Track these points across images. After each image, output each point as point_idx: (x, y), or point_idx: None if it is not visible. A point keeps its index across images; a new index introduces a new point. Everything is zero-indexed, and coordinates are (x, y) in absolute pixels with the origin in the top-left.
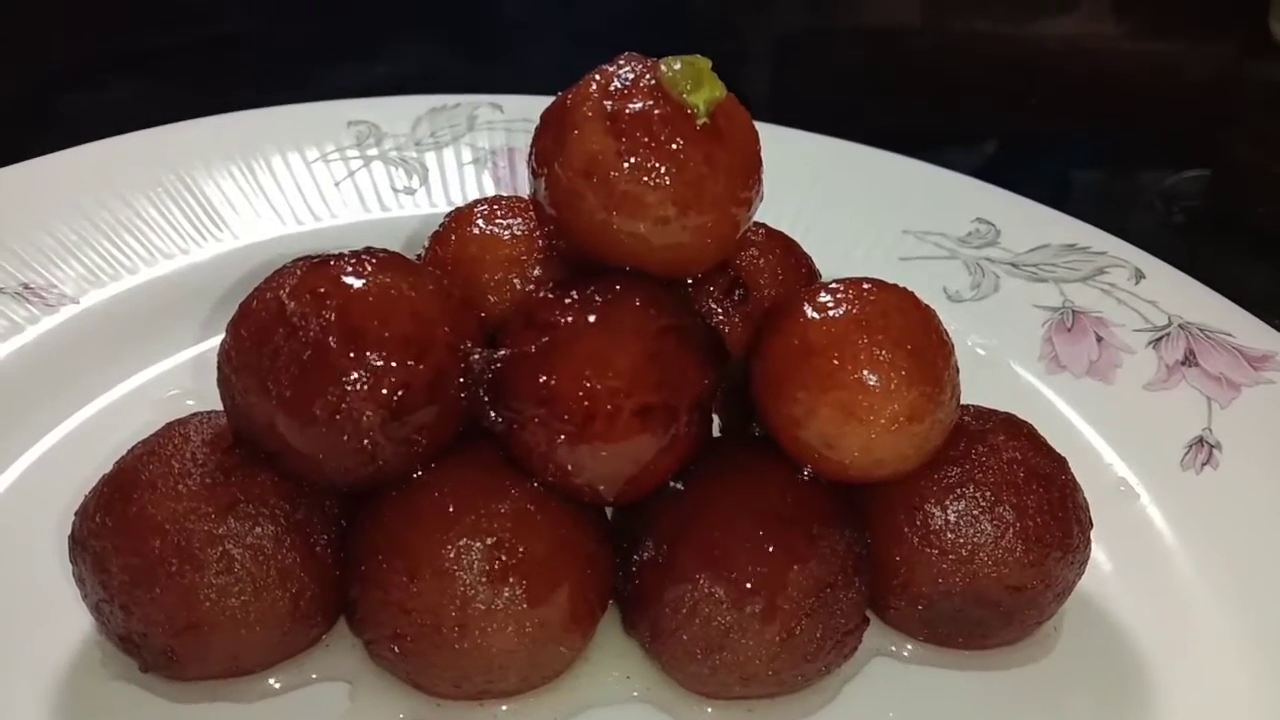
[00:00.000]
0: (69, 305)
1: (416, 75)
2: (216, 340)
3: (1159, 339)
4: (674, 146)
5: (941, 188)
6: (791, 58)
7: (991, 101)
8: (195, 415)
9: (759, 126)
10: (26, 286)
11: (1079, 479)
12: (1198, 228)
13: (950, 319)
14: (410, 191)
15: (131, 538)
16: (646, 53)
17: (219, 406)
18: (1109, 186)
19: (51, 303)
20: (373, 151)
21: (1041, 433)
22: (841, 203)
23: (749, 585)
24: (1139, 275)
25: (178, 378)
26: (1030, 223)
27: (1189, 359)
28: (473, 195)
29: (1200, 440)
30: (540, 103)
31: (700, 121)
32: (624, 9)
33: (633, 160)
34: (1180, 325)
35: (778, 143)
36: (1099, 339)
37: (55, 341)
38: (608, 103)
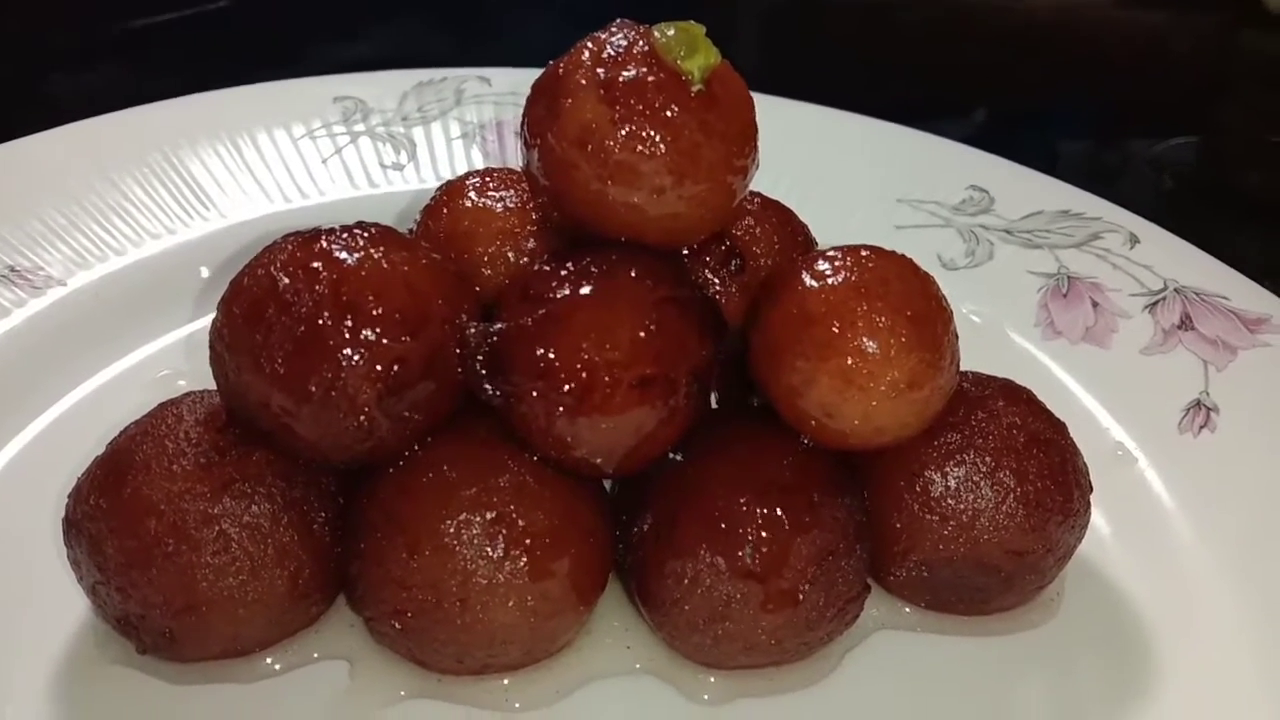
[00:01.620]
0: (56, 288)
1: (403, 53)
2: (207, 320)
3: (1155, 303)
4: (669, 114)
5: (935, 155)
6: (782, 30)
7: (982, 72)
8: (188, 395)
9: (755, 98)
10: (13, 270)
11: (1079, 446)
12: (1187, 195)
13: (945, 287)
14: (399, 167)
15: (127, 519)
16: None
17: (211, 386)
18: (1099, 156)
19: (39, 285)
20: (360, 127)
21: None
22: (836, 172)
23: (750, 555)
24: (1134, 240)
25: (169, 358)
26: (1024, 189)
27: (1185, 323)
28: (461, 169)
29: (1197, 404)
30: (529, 76)
31: (695, 88)
32: None
33: (627, 129)
34: (1176, 289)
35: (772, 112)
36: (1094, 304)
37: (44, 325)
38: (601, 70)
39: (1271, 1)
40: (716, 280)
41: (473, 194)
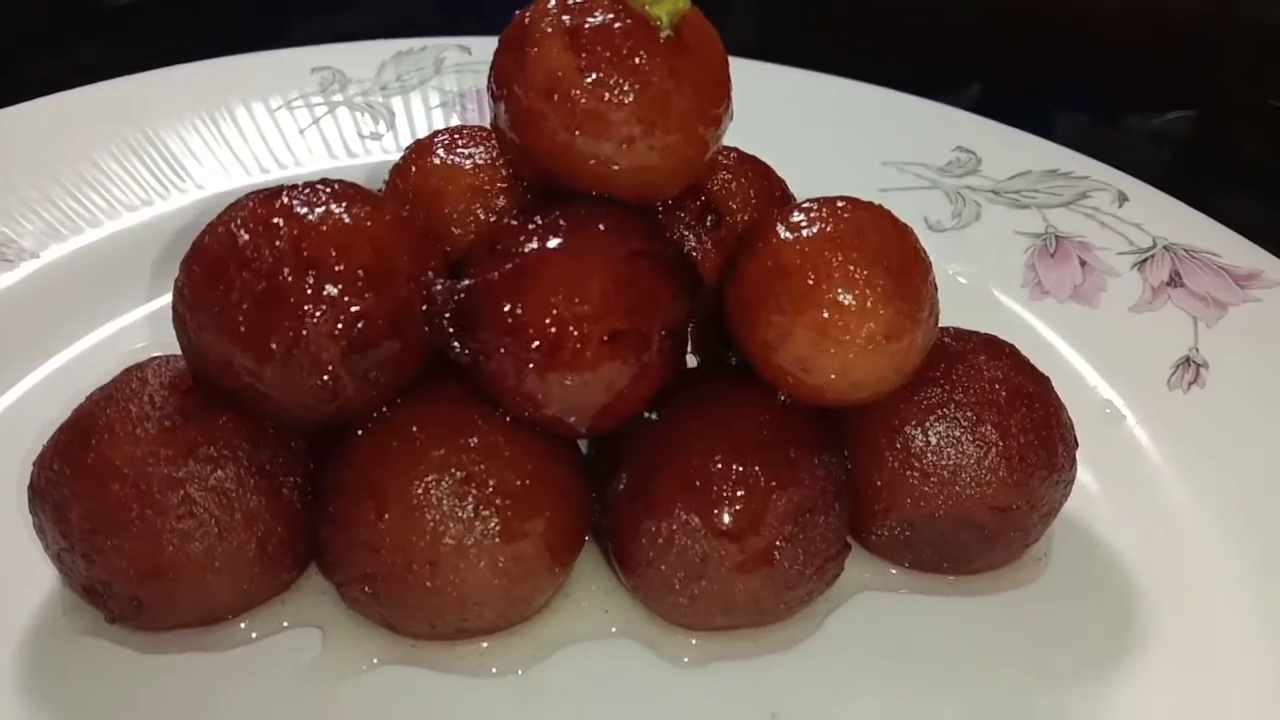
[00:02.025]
0: (29, 260)
1: (390, 23)
2: None
3: (1143, 261)
4: (637, 60)
5: (921, 117)
6: (775, 7)
7: (976, 46)
8: (153, 359)
9: (737, 63)
10: None
11: (1065, 404)
12: (1184, 165)
13: (932, 249)
14: (377, 137)
15: (90, 484)
16: None
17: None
18: (1095, 128)
19: (10, 258)
20: (337, 98)
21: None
22: (821, 135)
23: (725, 512)
24: (1122, 198)
25: (143, 330)
26: (1011, 149)
27: (1174, 279)
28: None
29: (1187, 360)
30: None
31: (664, 34)
32: None
33: (594, 76)
34: (1165, 246)
35: (755, 77)
36: (1082, 263)
37: (17, 297)
38: (566, 17)
39: None
40: (693, 236)
41: (441, 151)
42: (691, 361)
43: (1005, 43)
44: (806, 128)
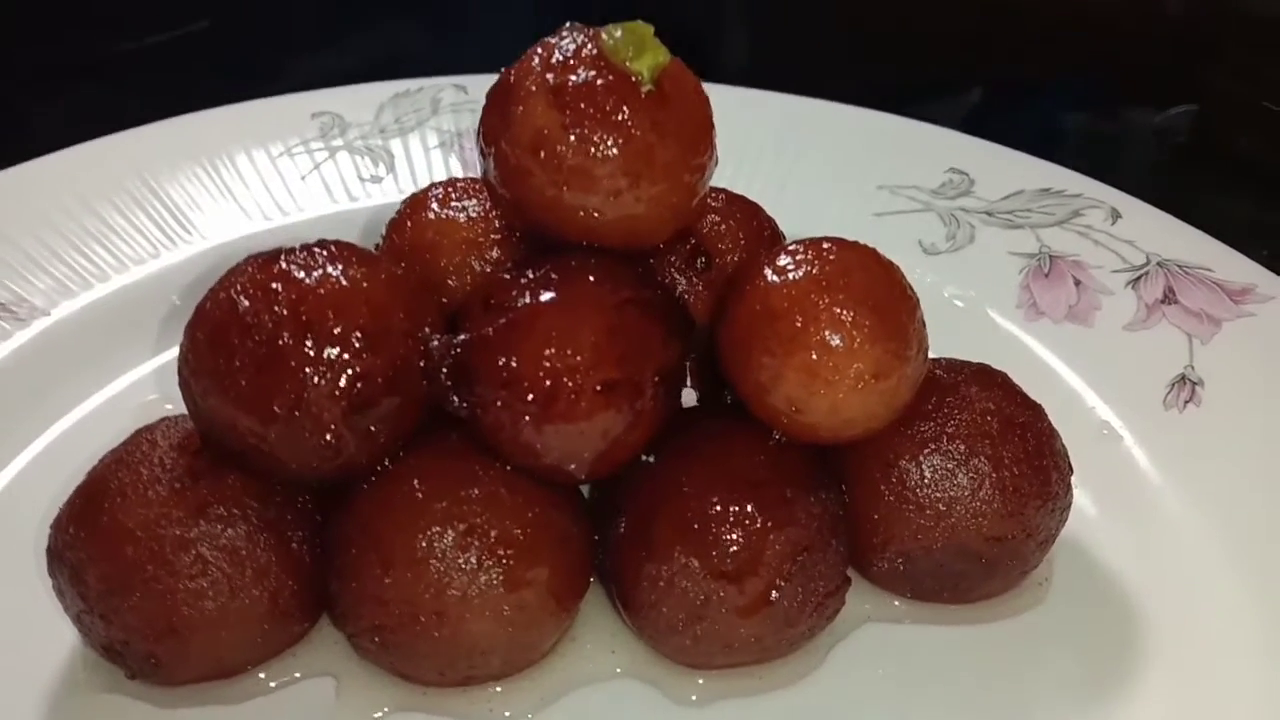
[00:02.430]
0: (41, 318)
1: (384, 58)
2: None
3: (1138, 278)
4: (620, 116)
5: (914, 140)
6: (769, 15)
7: (975, 49)
8: (162, 420)
9: (725, 90)
10: None
11: (1061, 425)
12: (1186, 162)
13: (926, 272)
14: (378, 180)
15: (105, 547)
16: (619, 17)
17: None
18: (1096, 127)
19: (23, 317)
20: (338, 142)
21: (1022, 380)
22: (814, 161)
23: (723, 554)
24: (1115, 215)
25: (155, 383)
26: (1004, 169)
27: (1169, 296)
28: (440, 179)
29: (1182, 378)
30: None
31: (645, 89)
32: None
33: (579, 132)
34: (1159, 263)
35: (746, 105)
36: (1077, 283)
37: (30, 355)
38: (550, 75)
39: None
40: (684, 279)
41: (435, 205)
42: (690, 396)
43: (1005, 42)
44: (800, 153)
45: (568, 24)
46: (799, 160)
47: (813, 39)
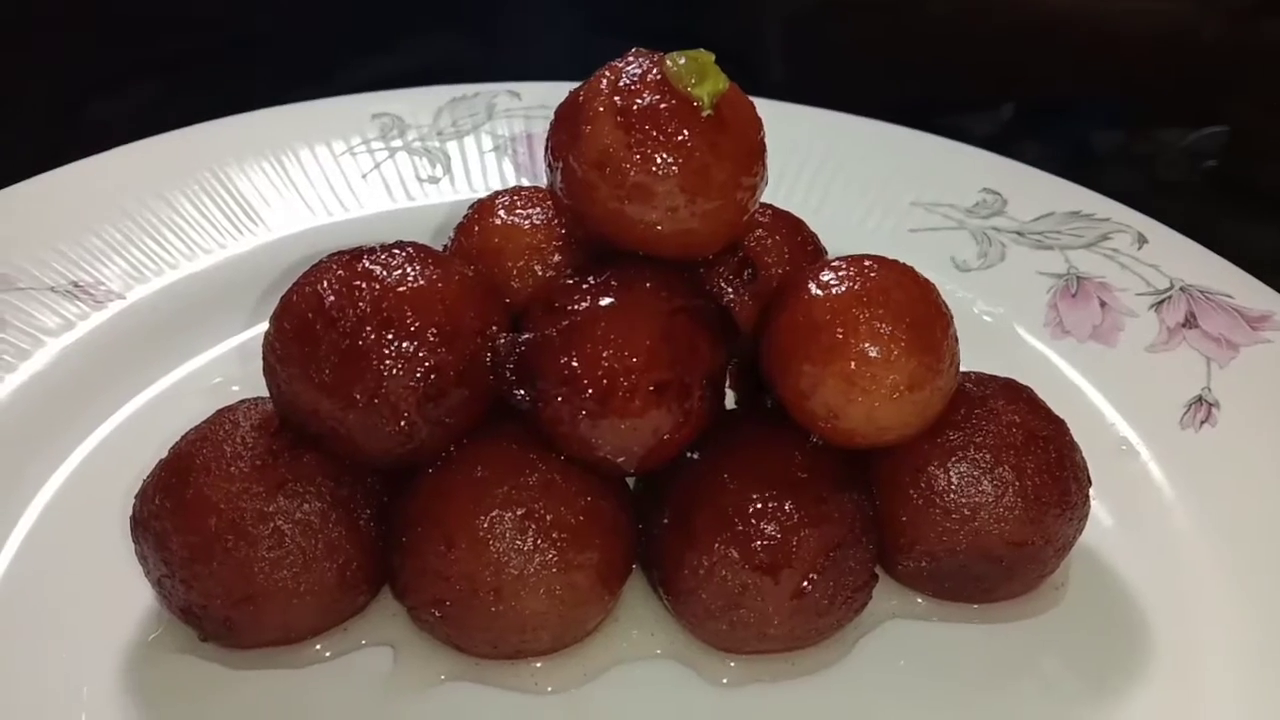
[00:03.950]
0: (116, 301)
1: (436, 63)
2: (257, 330)
3: (1160, 302)
4: (681, 138)
5: (949, 159)
6: (805, 29)
7: (1007, 66)
8: (243, 402)
9: (767, 104)
10: (76, 285)
11: (1082, 439)
12: (1215, 185)
13: (958, 288)
14: (435, 180)
15: (189, 517)
16: (660, 39)
17: (263, 392)
18: (1128, 146)
19: (100, 299)
20: (397, 143)
21: (1045, 395)
22: (851, 177)
23: (762, 547)
24: (1141, 240)
25: (222, 366)
26: (1036, 191)
27: (1189, 321)
28: (494, 181)
29: (1199, 399)
30: (555, 89)
31: (705, 113)
32: None
33: (642, 152)
34: (1181, 288)
35: (787, 120)
36: (1102, 304)
37: (106, 336)
38: (617, 98)
39: None
40: (731, 289)
41: (502, 212)
42: (730, 399)
43: (1036, 62)
44: (838, 168)
45: (633, 49)
46: (838, 174)
47: (846, 55)
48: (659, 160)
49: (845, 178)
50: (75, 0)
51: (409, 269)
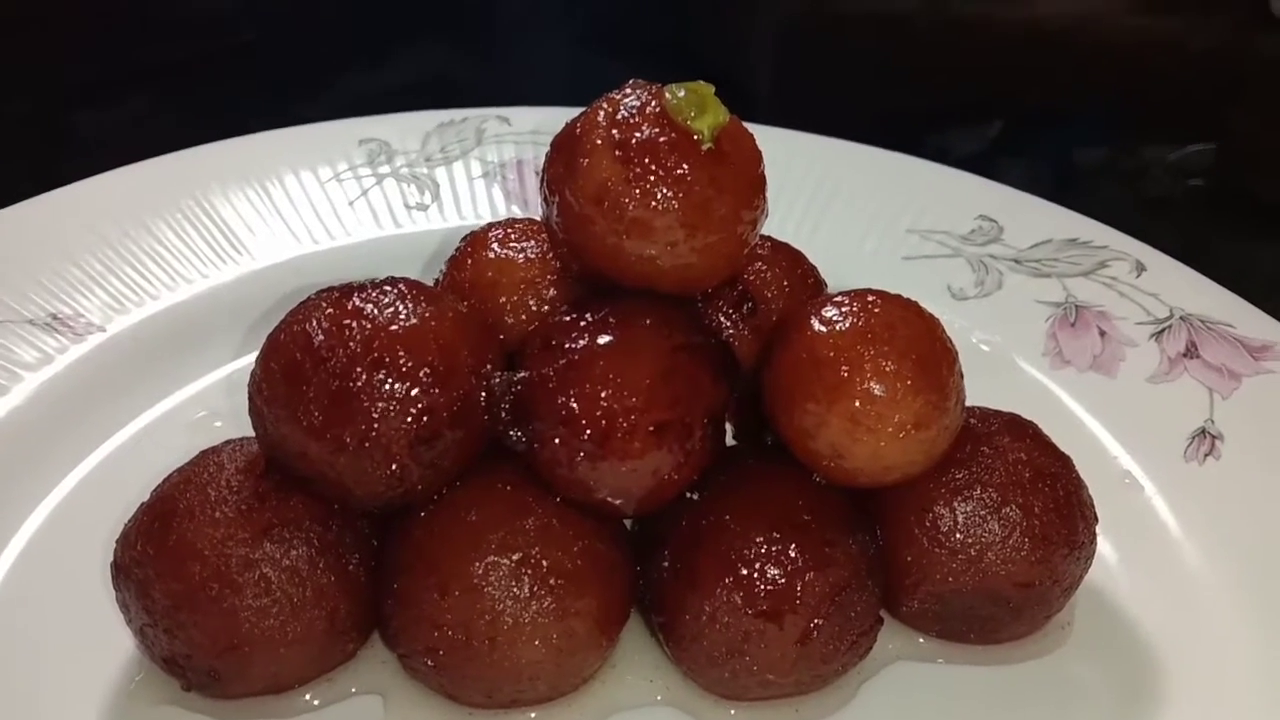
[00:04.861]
0: (96, 333)
1: (427, 78)
2: (242, 362)
3: (1161, 331)
4: (680, 172)
5: (945, 186)
6: (793, 44)
7: (996, 81)
8: (228, 443)
9: (762, 129)
10: (55, 317)
11: (1085, 473)
12: (1204, 202)
13: (954, 317)
14: (423, 208)
15: (173, 564)
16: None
17: (248, 427)
18: (1114, 163)
19: (80, 332)
20: (384, 169)
21: (1047, 427)
22: (846, 203)
23: (765, 592)
24: (1140, 268)
25: (207, 400)
26: (1032, 218)
27: (1190, 350)
28: (484, 209)
29: (1203, 431)
30: (546, 115)
31: (705, 146)
32: (625, 5)
33: (641, 187)
34: (1181, 317)
35: (782, 145)
36: (1102, 333)
37: (86, 370)
38: (615, 131)
39: (1276, 5)
40: (730, 323)
41: (495, 245)
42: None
43: (1025, 76)
44: (833, 195)
45: (631, 81)
46: (833, 201)
47: (834, 68)
48: (659, 195)
49: (840, 204)
50: (61, 11)
51: (400, 306)
